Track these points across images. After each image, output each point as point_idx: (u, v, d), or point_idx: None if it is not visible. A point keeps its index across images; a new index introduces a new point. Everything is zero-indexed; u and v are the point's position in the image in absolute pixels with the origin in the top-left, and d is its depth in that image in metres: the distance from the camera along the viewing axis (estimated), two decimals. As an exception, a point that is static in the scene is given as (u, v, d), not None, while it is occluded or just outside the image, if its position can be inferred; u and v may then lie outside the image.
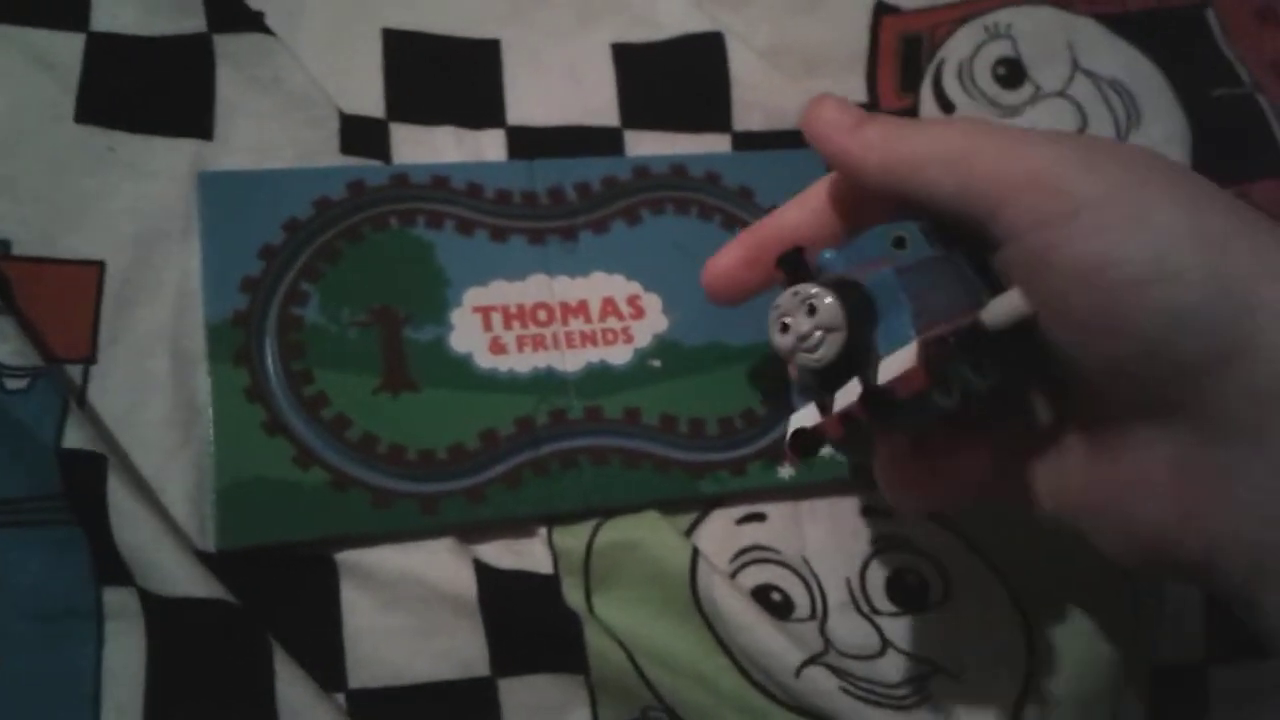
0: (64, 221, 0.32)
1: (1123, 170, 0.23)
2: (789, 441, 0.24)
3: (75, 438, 0.28)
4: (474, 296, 0.34)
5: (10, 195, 0.32)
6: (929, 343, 0.22)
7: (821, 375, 0.24)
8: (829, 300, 0.23)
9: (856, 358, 0.23)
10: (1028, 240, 0.23)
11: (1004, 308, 0.23)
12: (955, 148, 0.25)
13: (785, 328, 0.24)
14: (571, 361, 0.34)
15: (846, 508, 0.34)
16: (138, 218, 0.33)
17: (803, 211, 0.29)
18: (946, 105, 0.42)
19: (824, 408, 0.24)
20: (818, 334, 0.23)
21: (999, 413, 0.26)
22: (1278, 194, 0.41)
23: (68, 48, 0.34)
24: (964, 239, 0.25)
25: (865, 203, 0.28)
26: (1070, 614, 0.32)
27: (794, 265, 0.25)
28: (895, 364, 0.23)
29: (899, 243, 0.25)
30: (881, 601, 0.33)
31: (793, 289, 0.24)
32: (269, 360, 0.31)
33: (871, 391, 0.23)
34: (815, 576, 0.33)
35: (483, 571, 0.31)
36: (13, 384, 0.29)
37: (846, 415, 0.23)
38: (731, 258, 0.30)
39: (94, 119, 0.34)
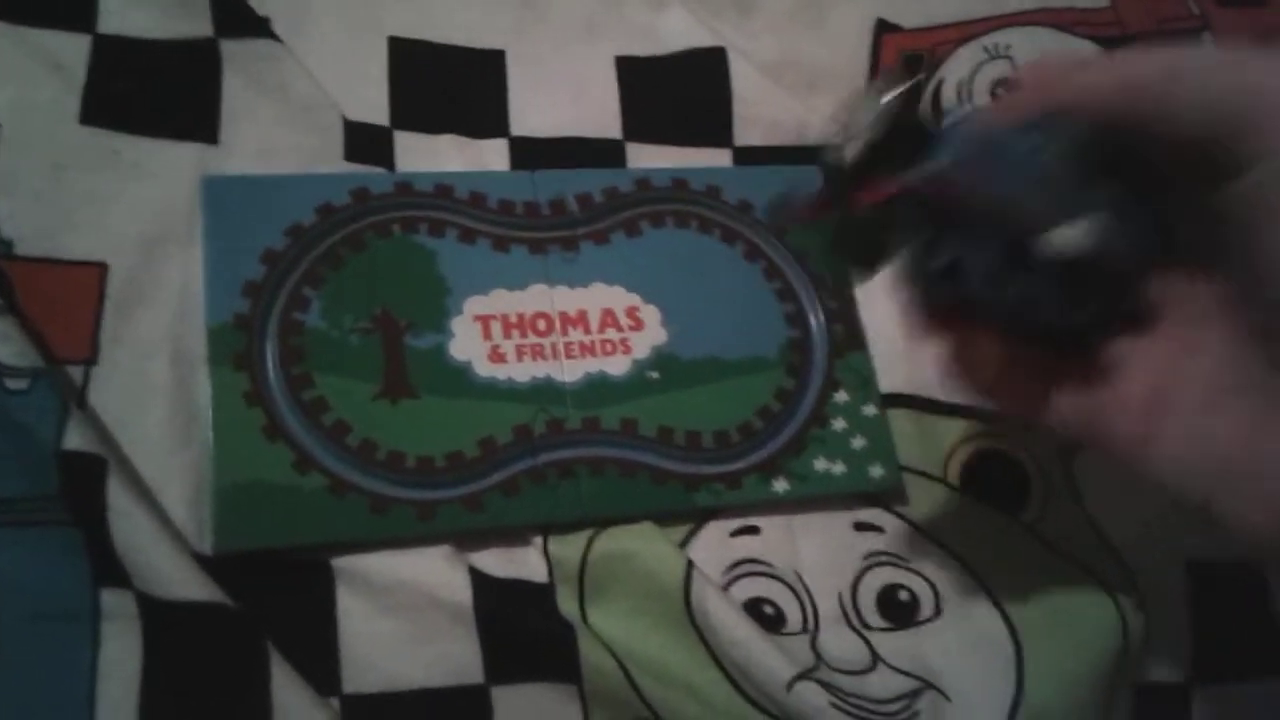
0: (67, 222, 0.32)
1: None
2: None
3: (76, 439, 0.28)
4: (474, 305, 0.34)
5: (14, 195, 0.32)
6: (882, 187, 0.24)
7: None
8: (869, 112, 0.24)
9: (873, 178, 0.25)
10: None
11: (1066, 237, 0.23)
12: (1196, 64, 0.23)
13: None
14: (570, 371, 0.34)
15: (839, 522, 0.34)
16: (141, 220, 0.33)
17: (1100, 79, 0.25)
18: (945, 124, 0.43)
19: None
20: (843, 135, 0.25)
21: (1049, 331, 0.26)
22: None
23: (74, 48, 0.35)
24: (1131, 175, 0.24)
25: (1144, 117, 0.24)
26: (1060, 633, 0.32)
27: (915, 65, 0.26)
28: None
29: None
30: (873, 616, 0.33)
31: (873, 90, 0.25)
32: (269, 364, 0.32)
33: (825, 187, 0.25)
34: (807, 590, 0.33)
35: (478, 579, 0.31)
36: (13, 384, 0.29)
37: (816, 203, 0.26)
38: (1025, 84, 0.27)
39: (99, 120, 0.34)
